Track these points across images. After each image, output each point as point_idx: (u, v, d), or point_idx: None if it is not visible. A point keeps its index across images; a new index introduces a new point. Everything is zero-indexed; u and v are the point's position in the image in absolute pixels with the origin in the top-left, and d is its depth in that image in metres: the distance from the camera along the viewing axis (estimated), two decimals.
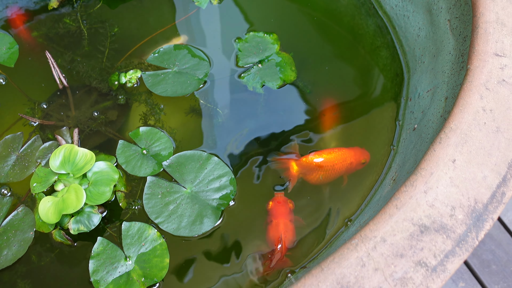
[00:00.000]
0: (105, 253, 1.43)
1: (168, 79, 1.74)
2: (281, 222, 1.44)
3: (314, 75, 1.77)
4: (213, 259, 1.44)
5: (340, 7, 1.96)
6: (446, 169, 1.04)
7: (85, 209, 1.45)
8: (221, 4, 1.96)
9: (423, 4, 1.63)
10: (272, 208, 1.48)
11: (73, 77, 1.79)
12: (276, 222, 1.45)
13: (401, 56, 1.77)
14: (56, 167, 1.47)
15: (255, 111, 1.70)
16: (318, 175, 1.52)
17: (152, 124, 1.68)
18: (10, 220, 1.51)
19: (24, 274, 1.46)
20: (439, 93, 1.43)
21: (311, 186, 1.55)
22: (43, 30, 1.93)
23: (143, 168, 1.56)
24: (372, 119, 1.69)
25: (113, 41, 1.87)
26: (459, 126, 1.10)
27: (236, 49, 1.80)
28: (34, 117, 1.68)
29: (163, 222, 1.46)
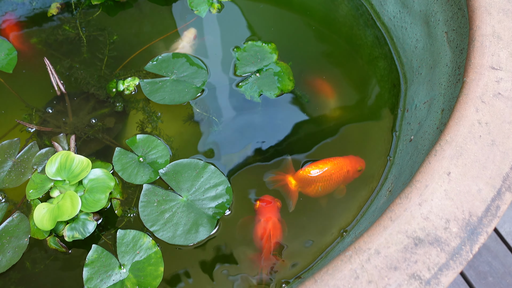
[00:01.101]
0: (100, 260, 1.43)
1: (166, 87, 1.74)
2: (269, 220, 1.45)
3: (312, 85, 1.77)
4: (208, 268, 1.44)
5: (338, 17, 1.97)
6: (441, 182, 1.04)
7: (80, 216, 1.45)
8: (220, 13, 1.97)
9: (421, 16, 1.64)
10: (260, 207, 1.49)
11: (71, 83, 1.79)
12: (264, 220, 1.46)
13: (399, 67, 1.78)
14: (52, 174, 1.47)
15: (253, 120, 1.70)
16: (316, 187, 1.52)
17: (149, 131, 1.68)
18: (5, 226, 1.50)
19: (18, 280, 1.45)
20: (436, 105, 1.43)
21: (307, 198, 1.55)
22: (42, 36, 1.94)
23: (140, 175, 1.56)
24: (369, 130, 1.69)
25: (112, 48, 1.87)
26: (454, 138, 1.10)
27: (235, 58, 1.81)
28: (31, 123, 1.68)
29: (159, 230, 1.46)
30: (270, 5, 2.01)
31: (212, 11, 1.96)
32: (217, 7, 1.96)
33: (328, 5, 1.99)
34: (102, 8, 2.00)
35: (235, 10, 1.98)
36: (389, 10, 1.81)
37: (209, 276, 1.42)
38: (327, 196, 1.55)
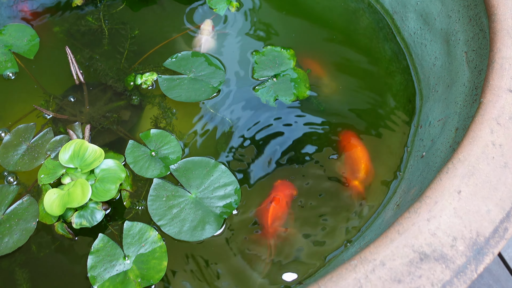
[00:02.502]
0: (105, 250, 1.44)
1: (183, 85, 1.76)
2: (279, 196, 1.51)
3: (327, 94, 1.78)
4: (211, 266, 1.45)
5: (359, 29, 1.98)
6: (451, 200, 1.05)
7: (90, 205, 1.46)
8: (238, 12, 1.98)
9: (441, 34, 1.65)
10: (277, 185, 1.54)
11: (90, 74, 1.81)
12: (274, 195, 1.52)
13: (416, 83, 1.79)
14: (65, 161, 1.49)
15: (266, 124, 1.71)
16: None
17: (163, 127, 1.70)
18: (15, 208, 1.53)
19: (23, 263, 1.47)
20: (450, 123, 1.44)
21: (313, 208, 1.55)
22: (65, 26, 1.97)
23: (151, 169, 1.58)
24: (381, 143, 1.70)
25: (133, 43, 1.90)
26: (467, 158, 1.10)
27: (253, 61, 1.82)
28: (48, 110, 1.71)
29: (165, 225, 1.48)
30: (291, 9, 2.02)
31: (231, 9, 1.97)
32: (235, 6, 1.97)
33: (349, 16, 2.00)
34: (126, 2, 2.03)
35: (254, 10, 2.00)
36: (410, 26, 1.82)
37: (212, 274, 1.43)
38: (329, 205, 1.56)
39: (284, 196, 1.53)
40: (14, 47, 1.86)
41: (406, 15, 1.83)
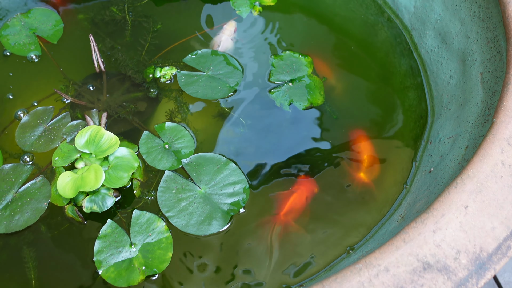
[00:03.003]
0: (112, 236, 1.47)
1: (200, 82, 1.79)
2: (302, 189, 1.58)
3: (340, 103, 1.81)
4: (214, 261, 1.48)
5: (376, 42, 2.01)
6: (457, 214, 1.07)
7: (101, 190, 1.49)
8: (261, 16, 2.02)
9: (458, 53, 1.68)
10: (300, 180, 1.61)
11: (111, 63, 1.85)
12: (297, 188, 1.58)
13: (428, 99, 1.82)
14: (81, 146, 1.52)
15: (278, 127, 1.74)
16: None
17: (177, 121, 1.73)
18: (27, 188, 1.56)
19: (31, 242, 1.50)
20: (460, 141, 1.46)
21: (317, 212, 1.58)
22: (90, 14, 2.00)
23: (163, 161, 1.61)
24: (389, 156, 1.73)
25: (155, 36, 1.93)
26: (476, 175, 1.13)
27: (271, 65, 1.85)
28: (67, 95, 1.74)
29: (173, 217, 1.50)
30: (311, 18, 2.06)
31: (254, 13, 2.01)
32: (258, 10, 2.01)
33: (368, 29, 2.03)
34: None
35: (275, 15, 2.03)
36: (428, 43, 1.85)
37: (214, 268, 1.46)
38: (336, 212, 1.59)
39: (306, 190, 1.56)
40: (39, 30, 1.90)
41: (425, 32, 1.87)
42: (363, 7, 2.08)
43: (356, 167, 1.67)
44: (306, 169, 1.65)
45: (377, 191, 1.64)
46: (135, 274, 1.42)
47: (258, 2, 2.03)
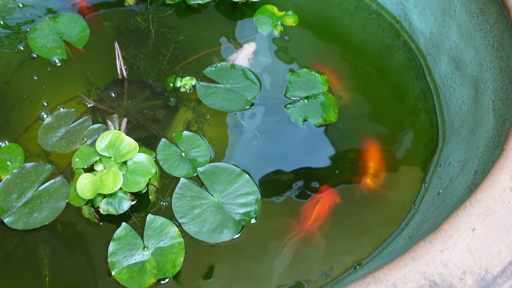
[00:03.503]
0: (126, 238, 1.52)
1: (218, 94, 1.85)
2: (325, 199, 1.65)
3: (353, 122, 1.86)
4: (224, 269, 1.51)
5: (390, 64, 2.06)
6: (465, 235, 1.11)
7: (118, 194, 1.54)
8: (281, 35, 2.08)
9: (471, 80, 1.73)
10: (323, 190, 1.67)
11: (133, 71, 1.91)
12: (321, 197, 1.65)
13: (440, 123, 1.86)
14: (101, 149, 1.57)
15: (292, 142, 1.79)
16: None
17: (194, 131, 1.78)
18: (47, 187, 1.61)
19: (47, 239, 1.55)
20: (470, 165, 1.50)
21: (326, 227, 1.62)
22: (115, 22, 2.07)
23: (179, 169, 1.66)
24: (399, 176, 1.76)
25: (176, 47, 2.00)
26: (484, 199, 1.17)
27: (287, 81, 1.91)
28: (89, 99, 1.80)
29: (186, 223, 1.55)
30: (329, 39, 2.11)
31: (275, 32, 2.07)
32: (279, 29, 2.07)
33: (383, 51, 2.09)
34: (175, 8, 2.14)
35: (295, 35, 2.09)
36: (442, 68, 1.90)
37: (224, 276, 1.50)
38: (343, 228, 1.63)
39: (329, 200, 1.61)
40: (66, 35, 1.97)
41: (439, 58, 1.91)
42: (380, 30, 2.14)
43: (365, 184, 1.71)
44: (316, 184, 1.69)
45: (386, 209, 1.68)
46: (147, 277, 1.46)
47: (280, 21, 2.09)
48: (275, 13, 2.12)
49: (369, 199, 1.68)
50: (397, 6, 2.09)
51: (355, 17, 2.18)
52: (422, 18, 1.98)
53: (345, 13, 2.20)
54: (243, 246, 1.55)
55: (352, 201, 1.68)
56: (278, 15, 2.11)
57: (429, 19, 1.95)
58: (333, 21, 2.18)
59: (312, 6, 2.22)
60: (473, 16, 1.73)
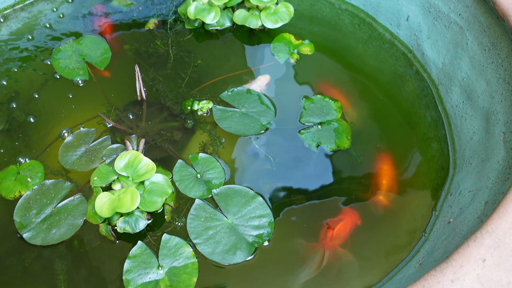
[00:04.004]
0: (141, 257, 1.55)
1: (234, 118, 1.90)
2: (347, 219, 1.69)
3: (365, 148, 1.89)
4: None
5: (403, 92, 2.10)
6: (475, 266, 1.13)
7: (135, 213, 1.58)
8: (297, 63, 2.13)
9: (483, 112, 1.76)
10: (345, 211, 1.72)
11: (152, 93, 1.97)
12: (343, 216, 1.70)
13: (451, 152, 1.89)
14: (120, 168, 1.62)
15: (305, 166, 1.83)
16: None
17: (209, 153, 1.82)
18: (66, 203, 1.65)
19: (63, 255, 1.59)
20: (480, 196, 1.53)
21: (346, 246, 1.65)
22: (135, 45, 2.14)
23: (194, 190, 1.70)
24: (410, 203, 1.79)
25: (194, 70, 2.06)
26: (495, 230, 1.20)
27: (302, 107, 1.95)
28: (109, 119, 1.85)
29: (200, 244, 1.58)
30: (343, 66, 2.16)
31: (291, 60, 2.13)
32: (296, 57, 2.13)
33: (396, 80, 2.13)
34: (193, 33, 2.20)
35: (311, 62, 2.15)
36: (453, 98, 1.94)
37: None
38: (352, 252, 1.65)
39: (351, 221, 1.67)
40: (88, 57, 2.04)
41: (451, 88, 1.96)
42: (393, 59, 2.19)
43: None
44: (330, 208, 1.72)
45: (396, 236, 1.70)
46: None
47: (297, 50, 2.15)
48: (292, 42, 2.18)
49: (379, 226, 1.71)
50: (410, 37, 2.15)
51: (369, 45, 2.24)
52: (435, 49, 2.03)
53: (359, 41, 2.26)
54: (255, 268, 1.57)
55: (362, 226, 1.71)
56: (295, 44, 2.17)
57: (441, 50, 2.00)
58: (347, 49, 2.23)
59: (327, 33, 2.28)
60: (485, 49, 1.78)
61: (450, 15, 1.93)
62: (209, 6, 2.13)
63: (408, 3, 2.10)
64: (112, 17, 2.24)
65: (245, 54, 2.16)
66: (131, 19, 2.24)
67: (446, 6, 1.94)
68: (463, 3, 1.86)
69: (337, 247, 1.64)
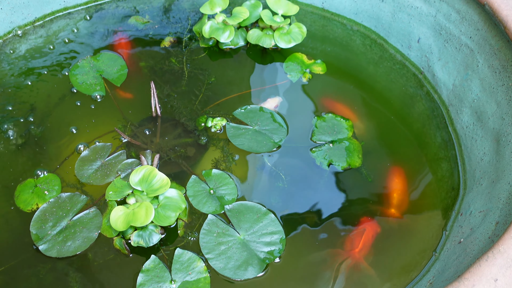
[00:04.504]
0: (154, 271, 1.57)
1: (247, 135, 1.93)
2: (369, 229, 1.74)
3: (376, 167, 1.91)
4: None
5: (413, 113, 2.13)
6: (487, 285, 1.15)
7: (149, 227, 1.61)
8: (309, 82, 2.17)
9: (493, 133, 1.78)
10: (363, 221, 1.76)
11: (166, 109, 2.01)
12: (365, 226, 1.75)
13: (461, 173, 1.91)
14: (135, 183, 1.65)
15: (316, 184, 1.85)
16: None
17: (222, 169, 1.85)
18: (81, 217, 1.68)
19: (77, 268, 1.61)
20: (491, 216, 1.54)
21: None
22: (150, 62, 2.19)
23: (207, 205, 1.72)
24: (420, 223, 1.80)
25: (208, 88, 2.10)
26: (506, 250, 1.21)
27: (313, 125, 1.98)
28: (125, 134, 1.89)
29: (213, 259, 1.60)
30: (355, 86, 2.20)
31: (303, 79, 2.17)
32: (308, 77, 2.17)
33: (407, 100, 2.16)
34: (208, 52, 2.25)
35: (323, 82, 2.18)
36: (464, 119, 1.96)
37: None
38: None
39: (371, 229, 1.71)
40: (105, 73, 2.09)
41: (461, 109, 1.98)
42: (403, 79, 2.22)
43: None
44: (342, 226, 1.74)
45: (406, 255, 1.71)
46: None
47: (309, 69, 2.19)
48: (305, 61, 2.22)
49: (389, 245, 1.72)
50: (421, 58, 2.18)
51: (380, 66, 2.27)
52: (445, 70, 2.06)
53: (370, 62, 2.29)
54: (267, 284, 1.59)
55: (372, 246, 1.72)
56: (307, 63, 2.21)
57: (452, 72, 2.03)
58: (358, 69, 2.27)
59: (339, 53, 2.32)
60: (495, 71, 1.81)
61: (461, 37, 1.97)
62: (223, 26, 2.18)
63: (419, 26, 2.14)
64: (128, 35, 2.29)
65: (258, 72, 2.20)
66: (147, 36, 2.30)
67: (457, 29, 1.98)
68: (474, 26, 1.90)
69: (362, 259, 1.66)
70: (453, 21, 1.99)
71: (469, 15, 1.91)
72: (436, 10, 2.05)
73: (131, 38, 2.29)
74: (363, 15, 2.34)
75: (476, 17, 1.88)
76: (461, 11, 1.94)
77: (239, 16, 2.19)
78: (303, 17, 2.42)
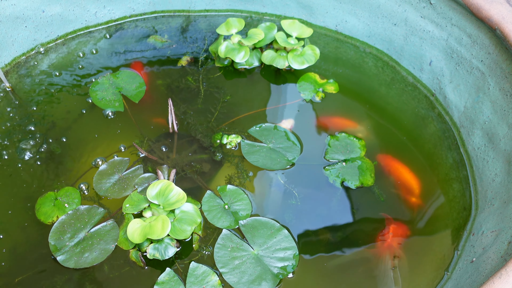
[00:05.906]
0: (169, 283, 1.60)
1: (261, 152, 1.97)
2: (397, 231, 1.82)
3: (388, 187, 1.94)
4: None
5: (425, 134, 2.16)
6: None
7: (165, 240, 1.64)
8: (322, 101, 2.21)
9: (504, 154, 1.81)
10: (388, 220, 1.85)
11: (183, 126, 2.06)
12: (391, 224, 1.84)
13: (473, 193, 1.93)
14: (152, 197, 1.68)
15: (329, 202, 1.87)
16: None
17: (236, 185, 1.88)
18: (99, 229, 1.72)
19: (93, 279, 1.64)
20: (503, 236, 1.56)
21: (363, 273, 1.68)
22: (168, 81, 2.25)
23: (222, 220, 1.75)
24: (431, 243, 1.82)
25: (223, 106, 2.15)
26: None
27: (327, 144, 2.02)
28: (142, 149, 1.94)
29: (227, 273, 1.62)
30: (366, 107, 2.24)
31: (316, 98, 2.21)
32: (321, 96, 2.21)
33: (418, 121, 2.19)
34: (223, 71, 2.31)
35: (335, 101, 2.23)
36: (475, 141, 1.99)
37: None
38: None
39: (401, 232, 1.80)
40: (124, 90, 2.15)
41: (473, 131, 2.01)
42: (415, 101, 2.26)
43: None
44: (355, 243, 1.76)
45: (418, 275, 1.72)
46: None
47: (322, 88, 2.24)
48: (317, 81, 2.27)
49: (401, 264, 1.73)
50: (433, 80, 2.22)
51: (392, 87, 2.32)
52: (457, 93, 2.10)
53: (382, 83, 2.34)
54: None
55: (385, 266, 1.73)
56: (320, 83, 2.26)
57: (463, 94, 2.07)
58: (370, 90, 2.31)
59: (351, 75, 2.37)
60: (507, 94, 1.84)
61: (472, 61, 2.01)
62: (239, 46, 2.24)
63: (431, 49, 2.19)
64: (147, 54, 2.36)
65: (272, 91, 2.25)
66: (165, 56, 2.36)
67: (468, 52, 2.02)
68: (485, 50, 1.94)
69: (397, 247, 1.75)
70: (464, 45, 2.04)
71: (480, 39, 1.96)
72: (447, 34, 2.10)
73: (149, 56, 2.35)
74: (376, 38, 2.40)
75: (487, 41, 1.93)
76: (472, 35, 1.99)
77: (254, 38, 2.25)
78: (317, 39, 2.48)
